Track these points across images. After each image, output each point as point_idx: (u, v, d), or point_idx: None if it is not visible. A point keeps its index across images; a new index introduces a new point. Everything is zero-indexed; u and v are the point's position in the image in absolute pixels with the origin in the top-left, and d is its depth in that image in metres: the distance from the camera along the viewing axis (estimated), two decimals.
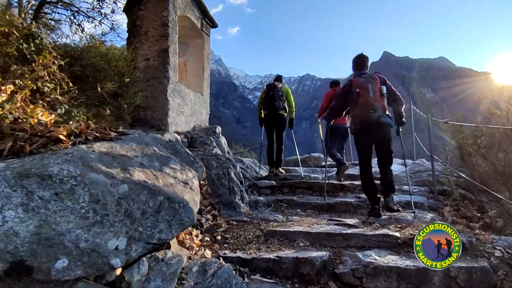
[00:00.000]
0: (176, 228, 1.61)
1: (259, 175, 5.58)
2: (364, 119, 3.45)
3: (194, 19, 7.17)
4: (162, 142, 2.94)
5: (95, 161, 1.53)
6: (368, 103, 3.42)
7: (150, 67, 6.20)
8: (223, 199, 3.59)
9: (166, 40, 6.13)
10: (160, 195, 1.62)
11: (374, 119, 3.40)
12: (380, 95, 3.47)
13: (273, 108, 5.48)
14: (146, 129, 6.04)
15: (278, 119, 5.58)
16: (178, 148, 3.00)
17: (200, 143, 5.88)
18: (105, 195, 1.38)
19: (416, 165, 5.32)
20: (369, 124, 3.43)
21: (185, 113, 6.55)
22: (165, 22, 6.17)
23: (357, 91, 3.47)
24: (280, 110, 5.53)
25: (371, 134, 3.50)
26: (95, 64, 4.64)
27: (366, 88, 3.46)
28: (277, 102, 5.43)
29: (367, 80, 3.52)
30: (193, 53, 7.75)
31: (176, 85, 6.30)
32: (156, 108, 6.04)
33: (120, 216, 1.40)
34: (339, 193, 4.47)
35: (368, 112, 3.40)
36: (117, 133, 2.35)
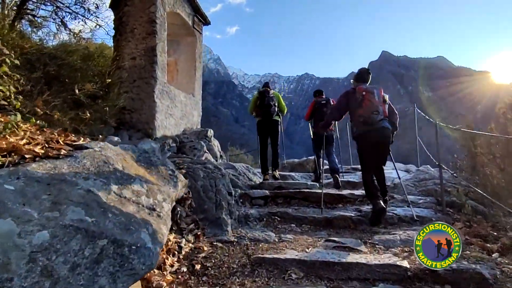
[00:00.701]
0: (124, 281, 1.23)
1: (252, 182, 5.20)
2: (367, 120, 3.58)
3: (184, 16, 6.77)
4: (135, 153, 2.55)
5: (9, 196, 1.14)
6: (373, 105, 3.59)
7: (136, 67, 5.81)
8: (208, 215, 3.21)
9: (154, 38, 5.74)
10: (103, 238, 1.24)
11: (377, 121, 3.55)
12: (383, 101, 3.71)
13: (268, 114, 5.40)
14: (132, 133, 5.66)
15: (273, 124, 5.53)
16: (154, 160, 2.62)
17: (190, 148, 5.49)
18: (8, 251, 1.00)
19: (421, 173, 4.94)
20: (372, 126, 3.57)
21: (174, 116, 6.16)
22: (152, 19, 5.78)
23: (362, 94, 3.66)
24: (275, 116, 5.49)
25: (374, 138, 3.61)
26: (72, 63, 4.24)
27: (371, 92, 3.67)
28: (272, 108, 5.37)
29: (372, 87, 3.77)
30: (184, 52, 7.36)
31: (165, 86, 5.91)
32: (142, 111, 5.65)
33: (34, 277, 1.01)
34: (338, 204, 4.09)
35: (372, 113, 3.57)
36: (72, 147, 1.96)
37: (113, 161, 1.98)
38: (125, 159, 2.20)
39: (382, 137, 3.59)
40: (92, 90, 4.70)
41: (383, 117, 3.61)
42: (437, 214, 3.55)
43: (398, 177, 4.31)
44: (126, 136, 5.54)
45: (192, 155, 5.34)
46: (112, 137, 4.77)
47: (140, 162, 2.47)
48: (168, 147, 5.29)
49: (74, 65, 4.28)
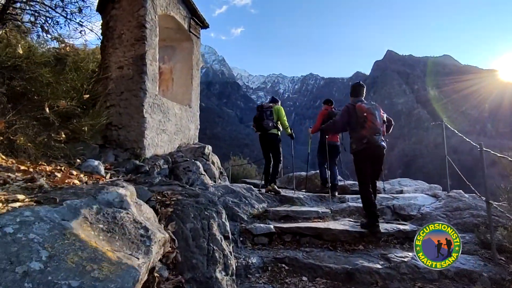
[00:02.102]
0: None
1: (255, 210, 4.52)
2: (370, 141, 3.79)
3: (180, 19, 6.11)
4: (92, 209, 1.88)
5: None
6: (376, 127, 3.82)
7: (124, 77, 5.17)
8: (197, 273, 2.52)
9: (143, 45, 5.08)
10: None
11: (377, 141, 3.80)
12: (383, 122, 4.00)
13: (262, 127, 5.49)
14: (119, 153, 5.01)
15: (271, 138, 5.51)
16: (120, 216, 1.94)
17: (183, 170, 4.82)
18: None
19: (453, 200, 4.21)
20: (373, 146, 3.80)
21: (167, 131, 5.50)
22: (141, 23, 5.13)
23: (364, 115, 3.84)
24: (271, 130, 5.45)
25: (371, 154, 3.88)
26: (40, 77, 3.59)
27: (373, 114, 3.86)
28: (265, 122, 5.41)
29: (372, 107, 3.95)
30: (180, 59, 6.70)
31: (156, 98, 5.25)
32: (130, 127, 5.00)
33: None
34: (358, 245, 3.39)
35: (375, 135, 3.80)
36: None
37: (34, 242, 1.31)
38: (65, 229, 1.53)
39: (378, 153, 3.89)
40: (70, 107, 4.06)
41: (382, 137, 3.91)
42: (486, 265, 2.83)
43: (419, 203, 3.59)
44: (111, 156, 4.89)
45: (186, 178, 4.67)
46: (92, 162, 4.13)
47: (98, 223, 1.79)
48: (159, 169, 4.63)
49: (45, 79, 3.63)
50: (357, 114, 3.89)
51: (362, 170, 3.90)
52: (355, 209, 4.59)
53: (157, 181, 4.22)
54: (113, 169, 4.42)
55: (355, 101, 4.06)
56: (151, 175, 4.39)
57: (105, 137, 5.23)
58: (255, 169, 11.69)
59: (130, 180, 4.27)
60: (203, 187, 4.57)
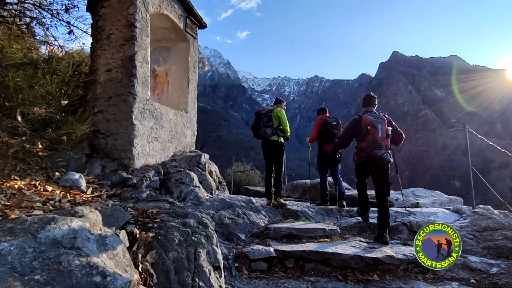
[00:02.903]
0: None
1: (254, 227, 4.06)
2: (369, 154, 3.83)
3: (174, 18, 5.70)
4: (29, 253, 1.43)
5: None
6: (376, 141, 3.80)
7: (112, 81, 4.76)
8: None
9: (133, 45, 4.68)
10: None
11: (378, 156, 3.78)
12: (386, 135, 3.88)
13: (260, 136, 5.10)
14: (106, 163, 4.59)
15: (271, 146, 5.02)
16: (67, 261, 1.48)
17: (176, 182, 4.37)
18: None
19: (480, 217, 3.68)
20: (373, 159, 3.82)
21: (160, 139, 5.07)
22: (131, 22, 4.72)
23: (367, 128, 3.85)
24: (271, 136, 4.98)
25: (371, 167, 3.92)
26: (9, 81, 3.18)
27: (376, 127, 3.83)
28: (262, 130, 5.01)
29: (377, 119, 3.89)
30: (176, 61, 6.29)
31: (147, 104, 4.82)
32: (118, 135, 4.58)
33: None
34: (373, 275, 2.89)
35: (374, 149, 3.79)
36: None
37: None
38: None
39: (378, 167, 3.84)
40: (48, 114, 3.65)
41: (384, 151, 3.82)
42: None
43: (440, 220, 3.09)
44: (98, 167, 4.47)
45: (178, 192, 4.22)
46: (72, 175, 3.71)
47: (33, 272, 1.35)
48: (148, 181, 4.19)
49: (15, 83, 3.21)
50: (361, 126, 3.95)
51: (358, 181, 4.22)
52: (366, 225, 4.10)
53: (144, 196, 3.79)
54: (97, 182, 4.00)
55: (363, 113, 4.11)
56: (139, 189, 3.95)
57: (92, 145, 4.83)
58: (259, 175, 11.23)
59: (114, 195, 3.84)
60: (197, 201, 4.12)
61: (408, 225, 3.83)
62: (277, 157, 5.05)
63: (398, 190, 6.02)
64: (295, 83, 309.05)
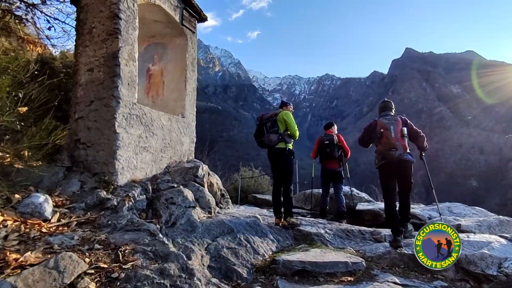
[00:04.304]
0: None
1: (259, 257, 3.31)
2: (386, 156, 3.88)
3: (169, 9, 5.00)
4: None
5: None
6: (390, 143, 3.86)
7: (94, 82, 4.09)
8: None
9: (116, 40, 3.99)
10: None
11: (395, 157, 3.81)
12: (401, 136, 3.90)
13: (264, 144, 4.44)
14: (87, 178, 3.92)
15: (277, 155, 4.36)
16: None
17: (165, 202, 3.66)
18: None
19: None
20: (391, 161, 3.85)
21: (151, 149, 4.38)
22: (114, 13, 4.04)
23: (381, 131, 3.96)
24: (277, 144, 4.31)
25: (393, 169, 3.90)
26: None
27: (388, 129, 3.93)
28: (265, 137, 4.34)
29: (390, 121, 4.00)
30: (172, 58, 5.58)
31: (134, 108, 4.13)
32: (100, 146, 3.90)
33: None
34: None
35: (390, 150, 3.84)
36: None
37: None
38: None
39: (399, 168, 3.85)
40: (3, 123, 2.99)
41: (402, 152, 3.80)
42: None
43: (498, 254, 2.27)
44: (76, 184, 3.80)
45: (168, 214, 3.51)
46: (36, 197, 3.05)
47: None
48: (132, 202, 3.48)
49: None
50: (376, 129, 4.01)
51: (383, 185, 4.03)
52: (398, 257, 3.30)
53: (123, 223, 3.09)
54: (69, 204, 3.32)
55: (379, 117, 4.17)
56: (119, 213, 3.25)
57: (72, 157, 4.17)
58: (268, 181, 10.47)
59: (87, 221, 3.14)
60: (189, 226, 3.40)
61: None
62: (286, 167, 4.32)
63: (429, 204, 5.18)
64: (305, 81, 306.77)
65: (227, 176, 13.08)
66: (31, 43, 4.96)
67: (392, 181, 3.96)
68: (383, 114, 4.19)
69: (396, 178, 3.93)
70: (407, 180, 3.89)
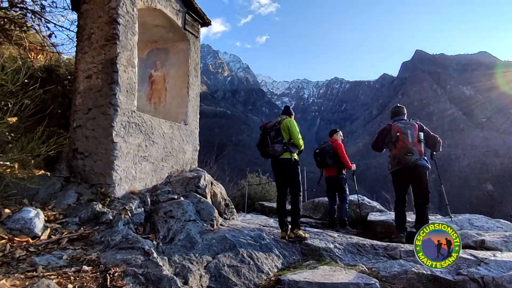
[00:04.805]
0: None
1: (263, 276, 3.08)
2: (401, 161, 3.80)
3: (171, 14, 4.85)
4: None
5: None
6: (407, 147, 3.76)
7: (92, 89, 3.95)
8: None
9: (114, 45, 3.85)
10: None
11: (411, 162, 3.74)
12: (418, 141, 3.81)
13: (268, 155, 4.13)
14: (84, 190, 3.76)
15: (282, 166, 4.06)
16: None
17: (164, 216, 3.46)
18: None
19: None
20: (406, 166, 3.77)
21: (151, 158, 4.20)
22: (113, 17, 3.90)
23: (397, 135, 3.85)
24: (281, 154, 4.00)
25: (408, 175, 3.82)
26: None
27: (405, 133, 3.81)
28: (270, 148, 4.02)
29: (406, 126, 3.88)
30: (174, 64, 5.43)
31: (133, 116, 3.97)
32: (97, 156, 3.74)
33: None
34: None
35: (406, 155, 3.75)
36: None
37: None
38: None
39: (415, 174, 3.73)
40: None
41: (419, 157, 3.71)
42: None
43: None
44: (73, 196, 3.64)
45: (166, 229, 3.31)
46: (26, 212, 2.89)
47: None
48: (129, 216, 3.30)
49: None
50: (391, 133, 3.92)
51: (397, 190, 3.96)
52: (416, 277, 3.02)
53: (118, 240, 2.89)
54: (62, 219, 3.14)
55: (393, 121, 4.07)
56: (114, 227, 3.07)
57: (70, 167, 4.02)
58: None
59: (80, 237, 2.95)
60: (188, 242, 3.18)
61: (480, 282, 2.71)
62: (293, 178, 4.05)
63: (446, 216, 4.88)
64: (314, 85, 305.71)
65: (235, 181, 12.89)
66: (32, 50, 4.85)
67: (406, 187, 3.89)
68: (396, 118, 4.10)
69: (411, 184, 3.85)
70: (423, 187, 3.78)
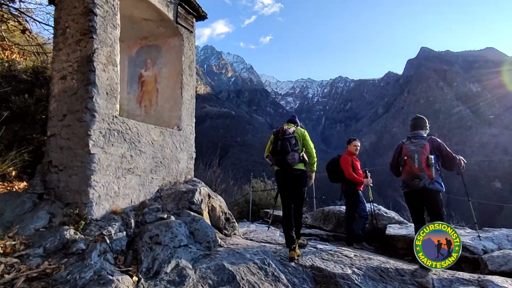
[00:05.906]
0: None
1: None
2: (409, 185, 3.63)
3: (160, 6, 4.29)
4: None
5: None
6: (413, 173, 3.55)
7: (67, 92, 3.40)
8: None
9: (91, 40, 3.29)
10: None
11: (420, 187, 3.51)
12: (427, 165, 3.50)
13: (285, 163, 3.63)
14: (57, 209, 3.20)
15: (295, 177, 3.70)
16: None
17: (149, 241, 2.89)
18: None
19: None
20: (415, 190, 3.58)
21: (138, 170, 3.63)
22: (89, 8, 3.34)
23: (404, 159, 3.66)
24: (296, 165, 3.67)
25: (418, 198, 3.62)
26: None
27: (412, 157, 3.58)
28: (290, 156, 3.56)
29: (416, 148, 3.61)
30: (167, 62, 4.86)
31: (114, 122, 3.40)
32: (73, 169, 3.19)
33: None
34: None
35: (413, 180, 3.56)
36: None
37: None
38: None
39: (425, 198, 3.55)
40: None
41: (429, 181, 3.48)
42: None
43: None
44: (44, 217, 3.09)
45: (150, 259, 2.73)
46: None
47: None
48: (106, 244, 2.73)
49: None
50: (402, 155, 3.75)
51: (410, 211, 3.86)
52: None
53: (87, 278, 2.33)
54: (23, 250, 2.59)
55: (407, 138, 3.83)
56: (86, 260, 2.50)
57: (45, 182, 3.48)
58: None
59: (41, 276, 2.39)
60: (176, 276, 2.60)
61: None
62: (302, 190, 3.84)
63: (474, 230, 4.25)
64: (318, 84, 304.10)
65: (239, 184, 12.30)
66: (5, 49, 4.32)
67: (419, 207, 3.69)
68: (413, 134, 3.79)
69: (424, 206, 3.66)
70: (436, 211, 3.51)
